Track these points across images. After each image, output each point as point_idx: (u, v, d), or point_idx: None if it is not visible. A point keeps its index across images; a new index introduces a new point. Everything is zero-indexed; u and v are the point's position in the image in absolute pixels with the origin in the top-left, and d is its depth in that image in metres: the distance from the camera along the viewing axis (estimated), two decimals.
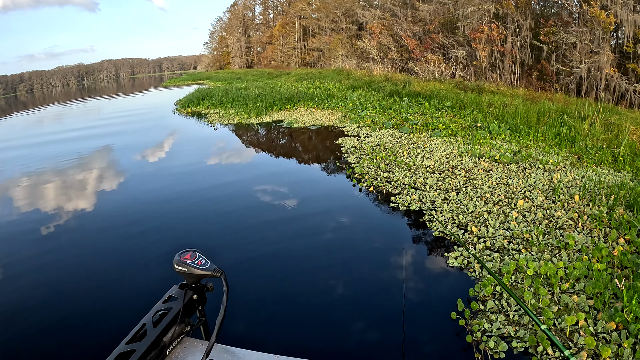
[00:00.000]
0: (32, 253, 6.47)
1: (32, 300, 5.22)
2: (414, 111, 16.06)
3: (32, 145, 17.63)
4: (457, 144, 10.78)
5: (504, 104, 15.39)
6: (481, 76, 27.15)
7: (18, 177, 11.71)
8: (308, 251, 5.92)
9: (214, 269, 1.57)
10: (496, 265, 4.86)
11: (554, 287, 4.22)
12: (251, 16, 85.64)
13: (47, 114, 38.72)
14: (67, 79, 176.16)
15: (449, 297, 4.40)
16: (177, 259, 1.59)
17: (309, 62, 58.74)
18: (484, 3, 25.59)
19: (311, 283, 5.10)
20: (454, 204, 6.86)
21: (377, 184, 8.21)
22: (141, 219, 7.64)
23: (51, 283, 5.57)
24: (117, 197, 9.29)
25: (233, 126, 17.16)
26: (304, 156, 11.73)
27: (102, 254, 6.29)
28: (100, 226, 7.50)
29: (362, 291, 4.80)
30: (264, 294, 4.88)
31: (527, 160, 8.89)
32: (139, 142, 15.68)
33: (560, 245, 5.11)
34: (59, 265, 6.06)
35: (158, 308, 1.57)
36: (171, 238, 6.53)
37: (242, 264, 5.60)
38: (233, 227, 7.01)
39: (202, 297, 1.66)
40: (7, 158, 14.87)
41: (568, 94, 21.51)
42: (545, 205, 6.48)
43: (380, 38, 36.13)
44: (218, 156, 12.37)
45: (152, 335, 1.45)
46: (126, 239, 6.66)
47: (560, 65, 22.96)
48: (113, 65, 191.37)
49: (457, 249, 5.41)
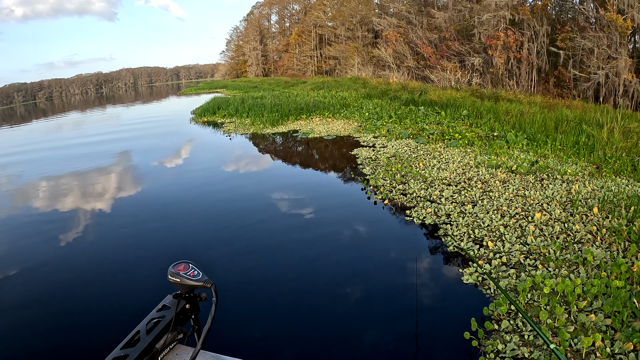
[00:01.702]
0: (47, 251, 6.61)
1: (38, 299, 5.51)
2: (430, 120, 16.01)
3: (52, 149, 18.11)
4: (474, 154, 10.71)
5: (521, 112, 15.27)
6: (498, 83, 26.97)
7: (35, 180, 11.98)
8: (320, 264, 5.93)
9: (205, 280, 1.64)
10: (512, 283, 4.79)
11: (570, 306, 4.16)
12: (267, 25, 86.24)
13: (67, 121, 39.36)
14: (86, 87, 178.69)
15: (462, 315, 4.33)
16: (171, 270, 1.66)
17: (325, 70, 58.88)
18: (499, 9, 25.48)
19: (323, 295, 5.10)
20: (470, 217, 6.80)
21: (392, 197, 8.17)
22: (155, 228, 7.79)
23: (56, 285, 5.83)
24: (131, 203, 9.56)
25: (248, 136, 17.26)
26: (319, 167, 11.73)
27: (108, 261, 6.50)
28: (110, 232, 7.69)
29: (373, 307, 4.78)
30: (273, 303, 4.97)
31: (544, 171, 8.79)
32: (153, 152, 15.81)
33: (578, 260, 5.02)
34: (63, 267, 6.33)
35: (152, 316, 1.64)
36: (183, 246, 6.58)
37: (252, 273, 5.75)
38: (247, 235, 7.08)
39: (195, 306, 1.73)
40: (21, 161, 15.11)
41: (586, 101, 21.27)
42: (563, 218, 6.39)
43: (396, 46, 36.10)
44: (233, 166, 12.44)
45: (145, 342, 1.52)
46: (136, 250, 6.73)
47: (577, 71, 22.73)
48: (131, 73, 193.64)
49: (472, 265, 5.36)
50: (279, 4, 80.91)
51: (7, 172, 14.86)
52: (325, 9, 59.43)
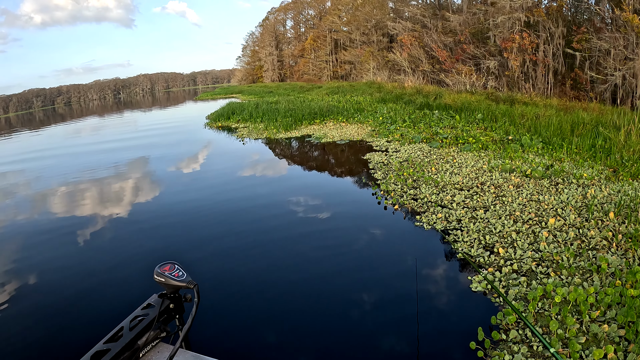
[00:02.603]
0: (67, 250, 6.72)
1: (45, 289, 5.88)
2: (445, 124, 15.85)
3: (71, 154, 18.46)
4: (488, 158, 10.55)
5: (536, 115, 15.07)
6: (513, 86, 26.67)
7: (50, 184, 12.10)
8: (328, 269, 5.89)
9: (189, 280, 1.69)
10: (522, 291, 4.64)
11: (582, 316, 4.00)
12: (283, 30, 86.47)
13: (85, 125, 39.97)
14: (104, 93, 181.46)
15: (469, 324, 4.23)
16: (157, 270, 1.73)
17: (341, 75, 58.84)
18: (514, 11, 25.23)
19: (328, 300, 5.08)
20: (481, 223, 6.66)
21: (402, 202, 8.06)
22: (167, 228, 7.93)
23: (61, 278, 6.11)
24: (144, 205, 9.80)
25: (262, 141, 17.28)
26: (331, 172, 11.64)
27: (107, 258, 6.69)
28: (125, 232, 7.76)
29: (377, 313, 4.73)
30: (280, 307, 5.02)
31: (560, 175, 8.61)
32: (168, 157, 15.91)
33: (592, 268, 4.85)
34: (68, 264, 6.49)
35: (136, 314, 1.71)
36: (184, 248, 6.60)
37: (261, 274, 5.86)
38: (260, 237, 7.19)
39: (179, 306, 1.79)
40: (40, 166, 15.25)
41: (603, 103, 20.94)
42: (578, 224, 6.23)
43: (411, 50, 35.93)
44: (245, 171, 12.43)
45: (127, 338, 1.59)
46: (151, 251, 6.71)
47: (594, 73, 22.39)
48: (148, 79, 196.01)
49: (482, 271, 5.22)
50: (294, 9, 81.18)
51: (25, 176, 15.05)
52: (340, 13, 59.45)
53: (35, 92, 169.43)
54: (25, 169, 16.70)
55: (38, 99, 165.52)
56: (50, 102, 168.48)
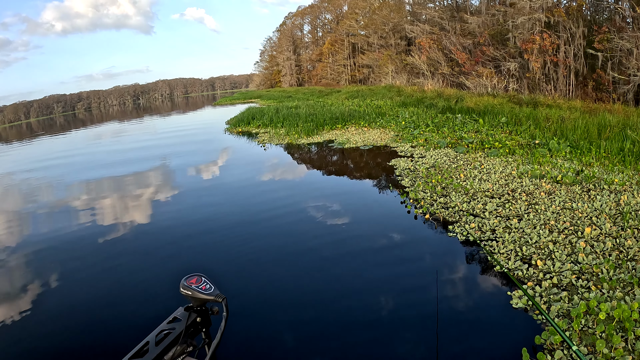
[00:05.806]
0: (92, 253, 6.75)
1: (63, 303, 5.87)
2: (468, 128, 15.76)
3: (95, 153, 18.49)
4: (516, 163, 10.45)
5: (561, 118, 14.88)
6: (535, 88, 26.39)
7: (68, 187, 12.19)
8: (359, 280, 5.84)
9: (217, 294, 1.67)
10: (564, 307, 4.53)
11: (628, 333, 3.91)
12: (300, 35, 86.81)
13: (106, 130, 40.40)
14: (124, 98, 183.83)
15: (511, 345, 4.08)
16: (183, 282, 1.70)
17: (359, 79, 58.78)
18: (534, 12, 24.99)
19: (358, 313, 5.01)
20: (516, 233, 6.57)
21: (433, 211, 7.98)
22: (188, 236, 8.07)
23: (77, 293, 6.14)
24: (169, 212, 10.02)
25: (283, 146, 17.35)
26: (357, 179, 11.62)
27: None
28: (145, 237, 7.83)
29: (412, 331, 4.58)
30: (303, 317, 5.07)
31: (590, 181, 8.49)
32: (191, 162, 16.09)
33: (633, 281, 4.76)
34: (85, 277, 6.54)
35: (162, 328, 1.68)
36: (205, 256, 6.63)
37: (291, 288, 5.83)
38: (289, 249, 7.16)
39: (206, 319, 1.76)
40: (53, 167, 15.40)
41: (626, 104, 20.57)
42: (614, 233, 6.14)
43: (430, 53, 35.79)
44: (269, 178, 12.49)
45: (153, 353, 1.55)
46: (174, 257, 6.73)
47: (616, 73, 22.04)
48: (167, 84, 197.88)
49: (523, 287, 5.13)
50: (311, 14, 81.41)
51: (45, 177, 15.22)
52: (357, 17, 59.50)
53: (56, 98, 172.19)
54: (45, 175, 16.87)
55: (59, 105, 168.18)
56: (70, 107, 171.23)
